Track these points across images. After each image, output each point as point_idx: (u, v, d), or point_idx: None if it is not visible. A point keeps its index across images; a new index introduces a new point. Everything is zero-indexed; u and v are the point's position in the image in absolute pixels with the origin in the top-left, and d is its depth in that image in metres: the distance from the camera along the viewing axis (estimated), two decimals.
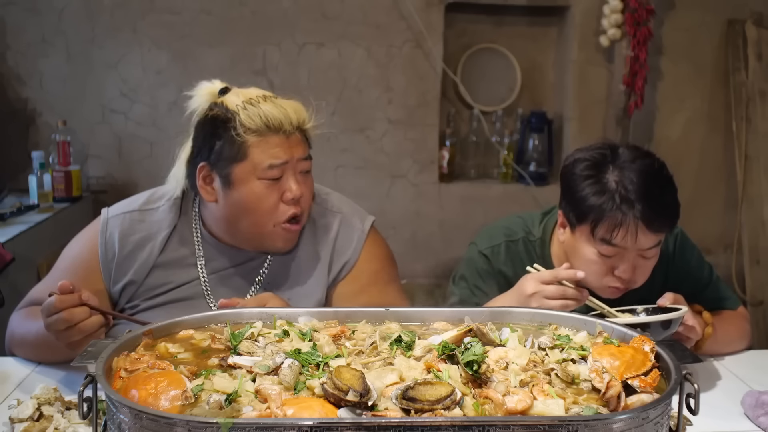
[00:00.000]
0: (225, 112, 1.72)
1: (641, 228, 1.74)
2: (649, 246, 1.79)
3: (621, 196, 1.74)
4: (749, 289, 3.92)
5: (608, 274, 1.81)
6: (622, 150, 1.82)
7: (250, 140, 1.70)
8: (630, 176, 1.76)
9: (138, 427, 1.03)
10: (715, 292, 2.02)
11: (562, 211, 1.88)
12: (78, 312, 1.51)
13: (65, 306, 1.51)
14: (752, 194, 4.00)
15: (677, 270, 1.99)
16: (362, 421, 1.02)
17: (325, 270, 1.85)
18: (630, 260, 1.79)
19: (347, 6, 3.81)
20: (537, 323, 1.51)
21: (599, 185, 1.77)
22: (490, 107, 4.10)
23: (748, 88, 3.95)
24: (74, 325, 1.51)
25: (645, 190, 1.75)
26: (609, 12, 3.78)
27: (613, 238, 1.76)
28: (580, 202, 1.80)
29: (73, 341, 1.52)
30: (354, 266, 1.87)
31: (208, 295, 1.82)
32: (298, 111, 1.76)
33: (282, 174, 1.73)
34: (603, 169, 1.79)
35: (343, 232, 1.88)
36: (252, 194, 1.73)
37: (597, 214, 1.76)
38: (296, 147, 1.75)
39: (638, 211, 1.73)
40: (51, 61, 3.74)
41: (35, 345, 1.71)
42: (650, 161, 1.81)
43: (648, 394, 1.16)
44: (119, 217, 1.85)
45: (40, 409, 1.41)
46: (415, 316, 1.50)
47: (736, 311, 2.01)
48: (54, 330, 1.53)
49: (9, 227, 3.01)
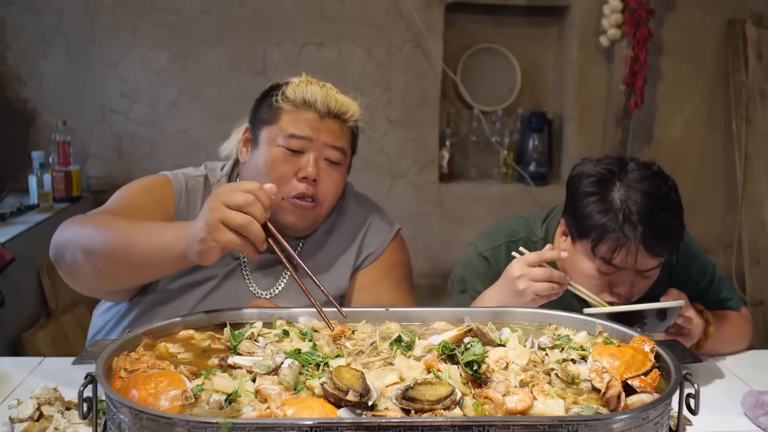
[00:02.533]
0: (279, 84, 1.82)
1: (641, 251, 1.73)
2: (649, 268, 1.78)
3: (624, 217, 1.72)
4: (749, 289, 3.93)
5: (605, 290, 1.80)
6: (632, 166, 1.78)
7: (285, 108, 1.77)
8: (635, 197, 1.73)
9: (138, 427, 1.03)
10: (718, 292, 2.01)
11: (565, 220, 1.87)
12: (260, 213, 1.42)
13: (264, 202, 1.42)
14: (752, 194, 4.00)
15: (680, 269, 1.99)
16: (362, 421, 1.02)
17: (352, 260, 1.89)
18: (628, 280, 1.78)
19: (347, 6, 3.81)
20: (537, 323, 1.51)
21: (604, 203, 1.75)
22: (490, 107, 4.10)
23: (748, 88, 3.95)
24: (247, 224, 1.39)
25: (649, 213, 1.72)
26: (609, 12, 3.78)
27: (613, 258, 1.75)
28: (583, 219, 1.78)
29: (220, 240, 1.39)
30: (375, 260, 1.91)
31: (247, 276, 1.82)
32: (341, 101, 1.79)
33: (304, 151, 1.75)
34: (609, 186, 1.76)
35: (374, 228, 1.93)
36: (268, 157, 1.76)
37: (599, 233, 1.74)
38: (328, 132, 1.77)
39: (640, 234, 1.71)
40: (51, 61, 3.74)
41: (123, 250, 1.55)
42: (658, 183, 1.77)
43: (648, 394, 1.16)
44: (182, 177, 1.85)
45: (40, 409, 1.41)
46: (415, 316, 1.51)
47: (738, 312, 2.01)
48: (231, 219, 1.38)
49: (9, 227, 3.01)
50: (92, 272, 1.61)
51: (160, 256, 1.53)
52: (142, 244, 1.54)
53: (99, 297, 1.85)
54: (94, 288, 1.73)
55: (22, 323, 2.94)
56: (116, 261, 1.58)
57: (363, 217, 1.94)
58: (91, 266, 1.60)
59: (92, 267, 1.60)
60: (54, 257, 1.68)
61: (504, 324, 1.46)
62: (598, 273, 1.78)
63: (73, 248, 1.61)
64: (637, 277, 1.79)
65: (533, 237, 2.02)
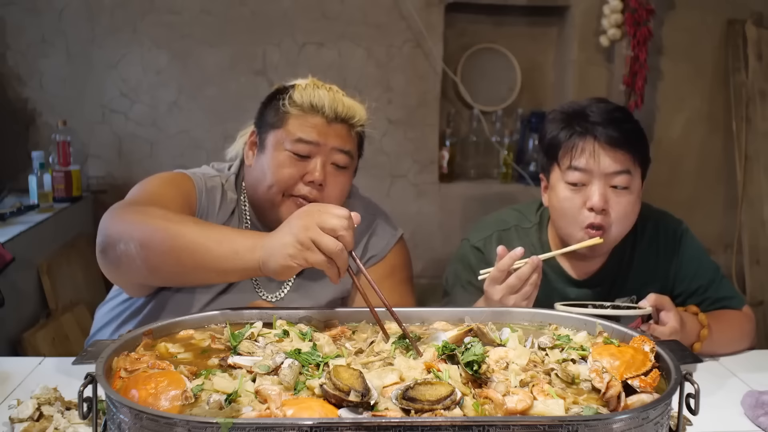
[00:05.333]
0: (286, 86, 1.84)
1: (601, 146, 1.82)
2: (614, 170, 1.82)
3: (580, 118, 1.86)
4: (749, 289, 3.92)
5: (582, 207, 1.84)
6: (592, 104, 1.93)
7: (292, 112, 1.78)
8: (591, 108, 1.88)
9: (138, 427, 1.03)
10: (720, 291, 2.01)
11: (542, 172, 1.97)
12: (350, 241, 1.42)
13: (353, 230, 1.41)
14: (752, 194, 4.00)
15: (681, 266, 1.99)
16: (362, 421, 1.02)
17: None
18: (599, 188, 1.82)
19: (347, 6, 3.81)
20: (537, 323, 1.51)
21: (564, 122, 1.89)
22: (490, 107, 4.10)
23: (748, 88, 3.95)
24: (339, 251, 1.39)
25: (604, 110, 1.87)
26: (609, 12, 3.78)
27: (574, 159, 1.83)
28: (549, 146, 1.90)
29: (310, 260, 1.39)
30: (378, 262, 1.93)
31: (255, 280, 1.82)
32: (349, 105, 1.79)
33: (311, 156, 1.76)
34: (571, 115, 1.90)
35: (378, 232, 1.95)
36: (275, 160, 1.76)
37: (561, 144, 1.86)
38: (334, 136, 1.77)
39: (597, 131, 1.82)
40: (51, 61, 3.74)
41: (188, 251, 1.50)
42: (614, 104, 1.93)
43: (648, 394, 1.16)
44: (201, 177, 1.85)
45: (40, 409, 1.41)
46: (415, 316, 1.51)
47: (740, 311, 2.01)
48: (325, 242, 1.38)
49: (9, 227, 3.01)
50: (145, 267, 1.55)
51: (232, 262, 1.48)
52: (212, 248, 1.48)
53: (128, 289, 1.78)
54: (139, 281, 1.68)
55: (22, 323, 2.94)
56: (179, 261, 1.52)
57: (368, 221, 1.94)
58: (145, 261, 1.54)
59: (147, 262, 1.54)
60: (103, 246, 1.59)
61: (504, 324, 1.46)
62: (570, 190, 1.85)
63: (127, 240, 1.54)
64: (607, 189, 1.83)
65: (525, 224, 2.05)
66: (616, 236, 1.87)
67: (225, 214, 1.84)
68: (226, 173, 1.91)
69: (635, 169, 1.86)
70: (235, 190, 1.88)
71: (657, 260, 2.01)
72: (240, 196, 1.89)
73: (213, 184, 1.86)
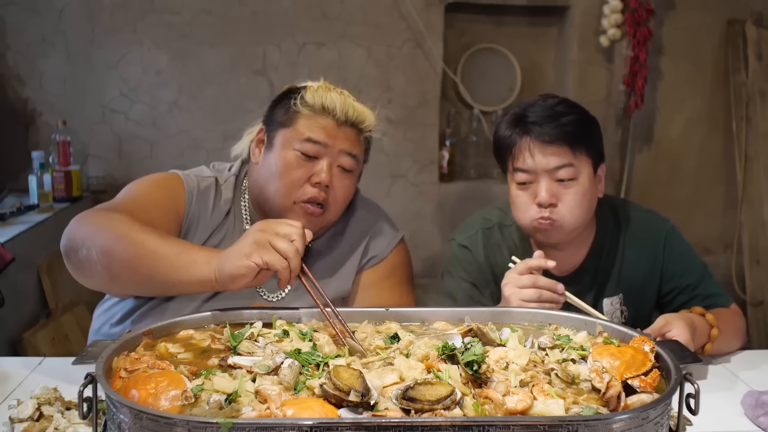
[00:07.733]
0: (297, 87, 1.84)
1: (537, 144, 1.84)
2: (555, 165, 1.84)
3: (518, 124, 1.88)
4: (749, 289, 3.92)
5: (532, 203, 1.87)
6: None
7: (303, 112, 1.79)
8: (533, 108, 1.88)
9: (138, 427, 1.03)
10: (709, 288, 2.00)
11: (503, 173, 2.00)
12: (302, 246, 1.47)
13: (304, 241, 1.48)
14: (752, 194, 4.00)
15: (669, 264, 1.99)
16: (362, 421, 1.02)
17: (357, 262, 1.91)
18: (545, 184, 1.84)
19: (347, 6, 3.81)
20: (537, 323, 1.51)
21: (506, 125, 1.91)
22: (490, 107, 4.10)
23: (748, 88, 3.95)
24: (292, 252, 1.44)
25: (542, 110, 1.86)
26: (609, 12, 3.78)
27: (516, 161, 1.87)
28: (494, 147, 1.96)
29: (265, 258, 1.43)
30: (379, 262, 1.94)
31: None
32: (359, 110, 1.82)
33: (319, 157, 1.77)
34: (513, 116, 1.92)
35: (379, 233, 1.96)
36: (283, 160, 1.77)
37: (505, 146, 1.90)
38: (343, 139, 1.79)
39: (534, 131, 1.84)
40: (51, 61, 3.74)
41: (147, 261, 1.54)
42: (558, 98, 1.92)
43: (648, 394, 1.16)
44: (194, 179, 1.86)
45: (40, 409, 1.40)
46: (415, 316, 1.51)
47: (729, 308, 2.00)
48: (279, 243, 1.44)
49: (9, 227, 3.01)
50: (105, 274, 1.58)
51: (189, 272, 1.51)
52: (171, 258, 1.52)
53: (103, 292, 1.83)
54: (102, 287, 1.71)
55: (22, 323, 2.94)
56: (137, 271, 1.55)
57: (369, 222, 1.95)
58: (106, 268, 1.57)
59: (107, 269, 1.57)
60: (65, 249, 1.63)
61: (504, 324, 1.47)
62: (519, 189, 1.89)
63: (89, 246, 1.57)
64: (553, 184, 1.85)
65: (506, 221, 2.07)
66: (570, 226, 1.88)
67: (219, 214, 1.84)
68: (226, 173, 1.90)
69: (579, 160, 1.87)
70: (233, 190, 1.88)
71: (642, 258, 2.01)
72: (239, 196, 1.89)
73: (207, 184, 1.85)
